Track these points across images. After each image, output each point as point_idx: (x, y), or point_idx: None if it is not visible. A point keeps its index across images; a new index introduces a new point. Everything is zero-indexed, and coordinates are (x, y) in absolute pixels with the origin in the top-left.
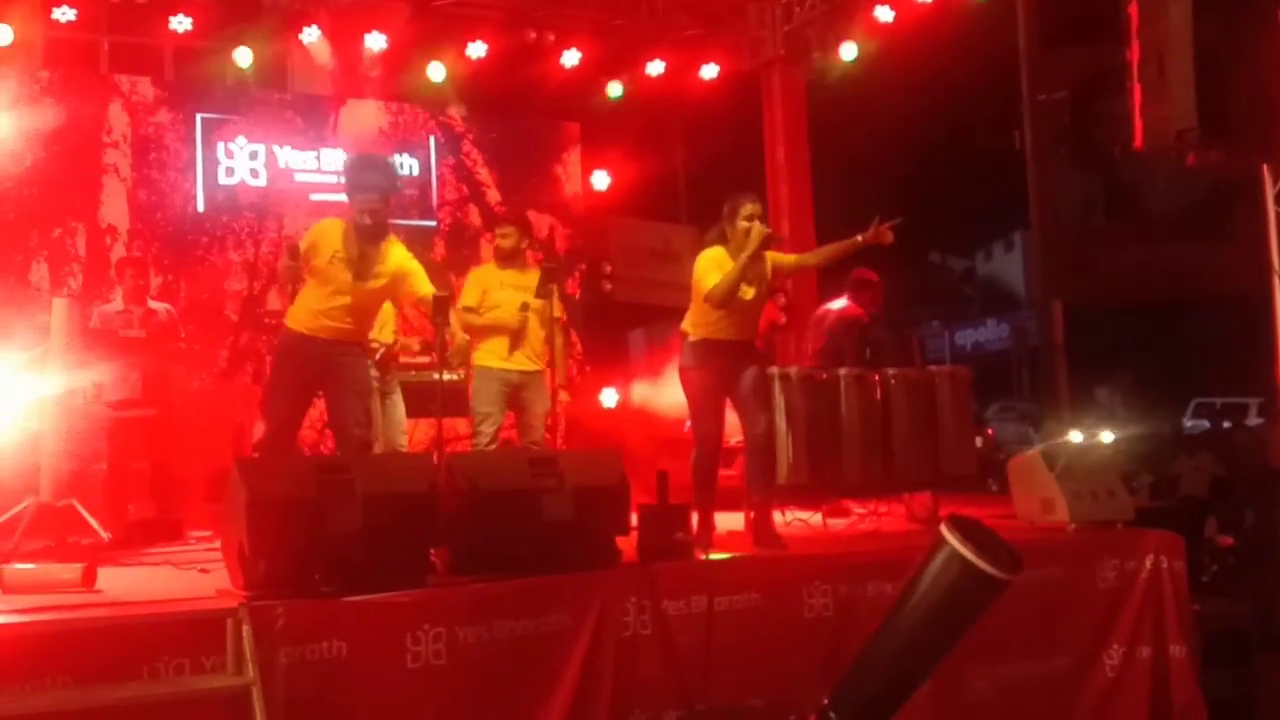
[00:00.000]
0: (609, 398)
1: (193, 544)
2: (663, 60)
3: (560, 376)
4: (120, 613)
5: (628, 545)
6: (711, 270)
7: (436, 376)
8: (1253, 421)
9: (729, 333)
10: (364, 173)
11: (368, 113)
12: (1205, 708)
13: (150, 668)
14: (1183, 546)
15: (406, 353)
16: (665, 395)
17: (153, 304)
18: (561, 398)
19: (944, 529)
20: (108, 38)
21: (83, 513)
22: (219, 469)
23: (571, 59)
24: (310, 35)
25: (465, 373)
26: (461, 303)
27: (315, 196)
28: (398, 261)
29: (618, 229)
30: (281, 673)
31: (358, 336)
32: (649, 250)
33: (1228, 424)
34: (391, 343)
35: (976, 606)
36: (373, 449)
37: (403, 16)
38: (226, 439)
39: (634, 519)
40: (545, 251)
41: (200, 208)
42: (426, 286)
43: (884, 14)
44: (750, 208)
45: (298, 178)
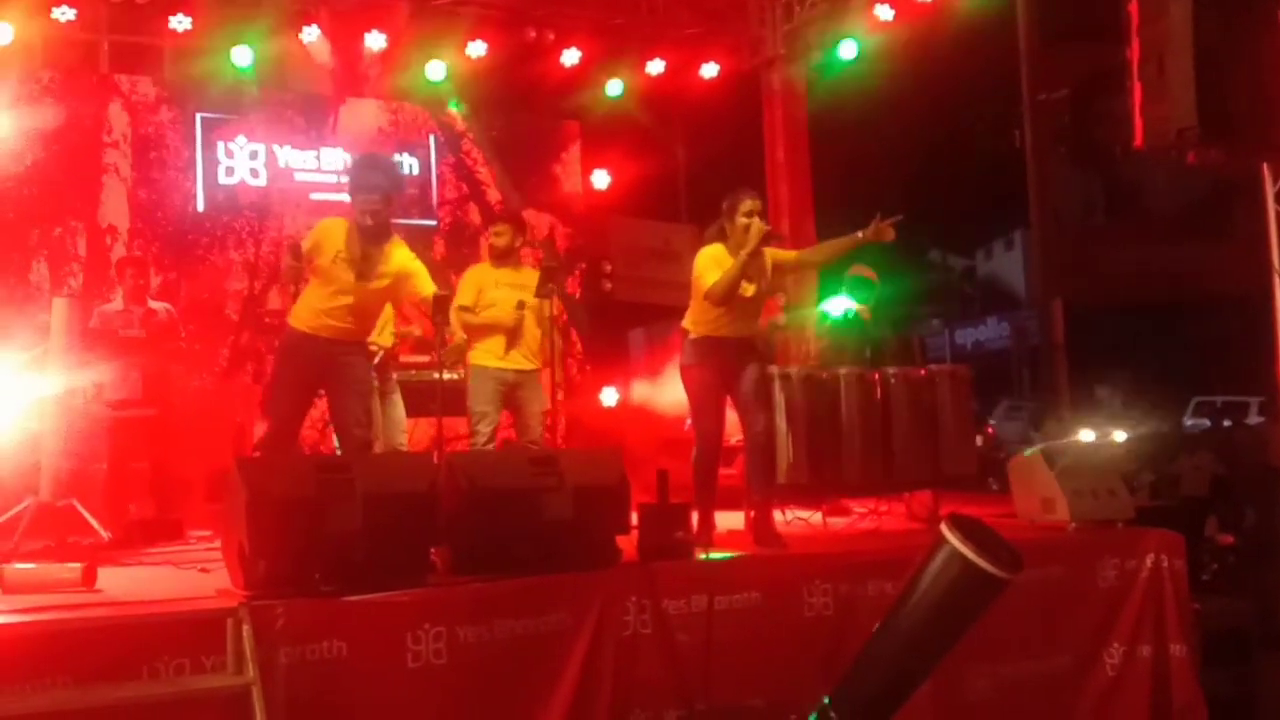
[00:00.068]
0: (609, 397)
1: (193, 543)
2: (663, 59)
3: (554, 376)
4: (120, 612)
5: (628, 544)
6: (711, 268)
7: (436, 376)
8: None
9: (730, 330)
10: (366, 173)
11: (368, 112)
12: (1205, 707)
13: (150, 667)
14: (1183, 545)
15: (408, 340)
16: (665, 394)
17: (153, 304)
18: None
19: (944, 528)
20: (107, 37)
21: (83, 512)
22: (219, 469)
23: (571, 58)
24: (310, 34)
25: (464, 372)
26: (457, 302)
27: (315, 196)
28: (401, 262)
29: (618, 228)
30: (282, 672)
31: (359, 336)
32: (649, 249)
33: (1228, 423)
34: (391, 346)
35: (977, 606)
36: (373, 448)
37: (402, 15)
38: (227, 438)
39: (634, 518)
40: (545, 250)
41: (200, 207)
42: (429, 287)
43: (884, 13)
44: (749, 204)
45: (298, 177)
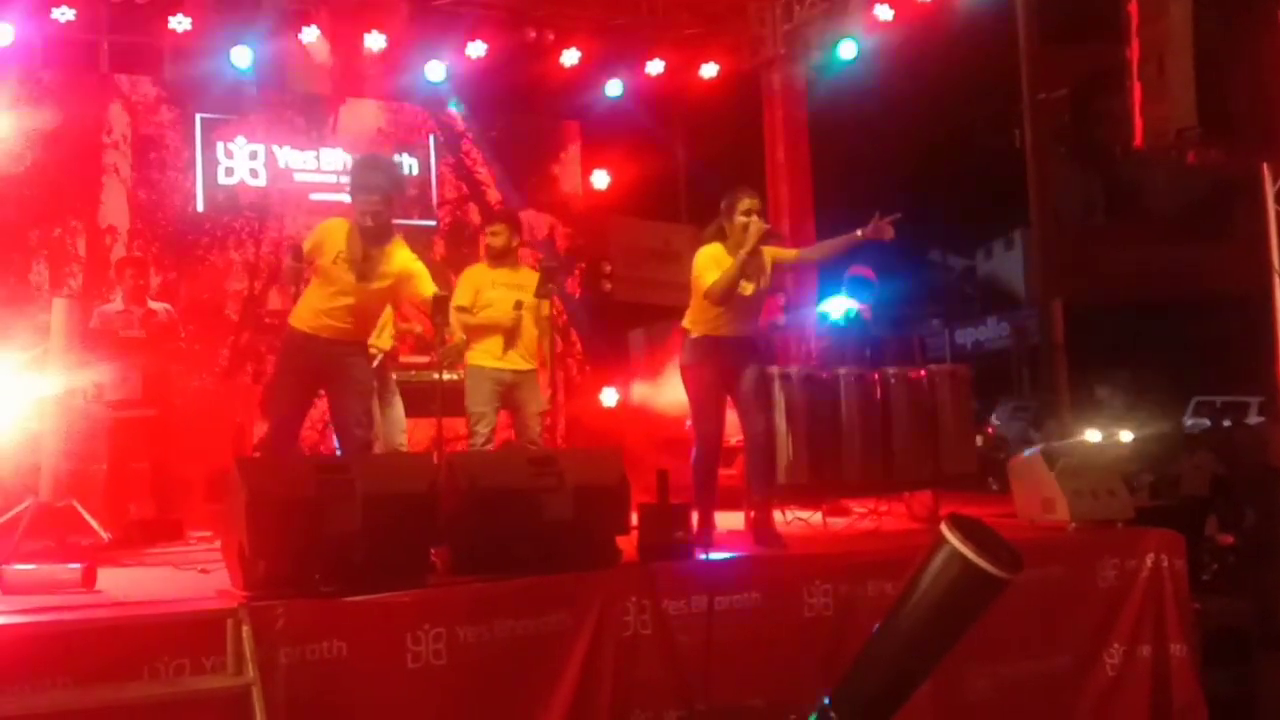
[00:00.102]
0: (609, 397)
1: (193, 544)
2: (663, 59)
3: (546, 376)
4: (120, 613)
5: (628, 545)
6: (710, 267)
7: (436, 376)
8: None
9: (730, 329)
10: (366, 174)
11: (367, 112)
12: (1206, 706)
13: (150, 668)
14: (1183, 545)
15: (409, 338)
16: (665, 395)
17: (153, 304)
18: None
19: (944, 528)
20: (107, 37)
21: (83, 513)
22: (219, 469)
23: (571, 58)
24: (309, 35)
25: (463, 372)
26: (454, 303)
27: (315, 196)
28: (402, 263)
29: (617, 228)
30: (282, 673)
31: (360, 337)
32: (649, 249)
33: (1228, 423)
34: (389, 349)
35: (977, 606)
36: (373, 449)
37: (402, 15)
38: (227, 439)
39: (634, 518)
40: (545, 251)
41: (200, 207)
42: (430, 288)
43: (884, 12)
44: (748, 202)
45: (297, 177)
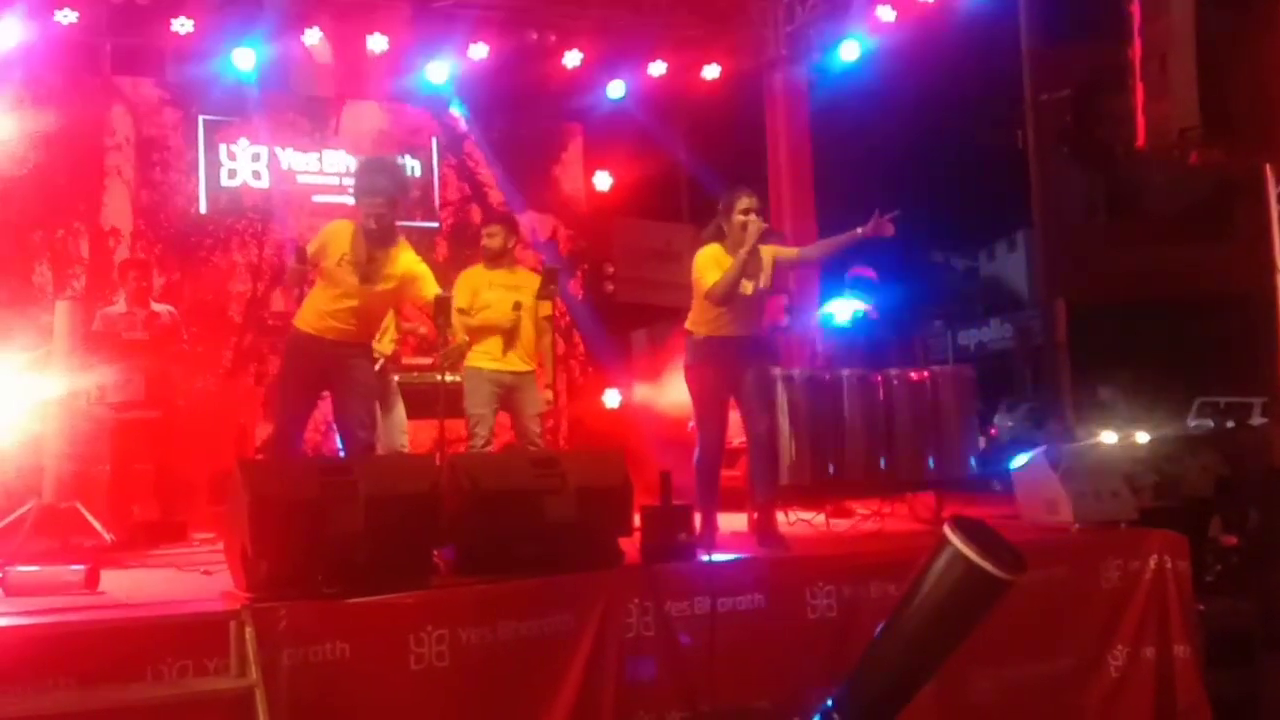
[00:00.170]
0: (611, 398)
1: (196, 546)
2: (665, 60)
3: (546, 376)
4: (123, 615)
5: (630, 546)
6: (710, 268)
7: (438, 378)
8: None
9: (732, 329)
10: (370, 176)
11: (370, 114)
12: (1210, 708)
13: (154, 669)
14: (1187, 546)
15: (411, 339)
16: (668, 396)
17: (155, 306)
18: (545, 397)
19: (947, 530)
20: (110, 39)
21: (86, 515)
22: (222, 470)
23: (573, 59)
24: (312, 36)
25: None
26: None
27: (318, 198)
28: (406, 265)
29: (620, 229)
30: (284, 674)
31: (364, 338)
32: (651, 250)
33: (1231, 423)
34: (391, 353)
35: (980, 607)
36: (375, 450)
37: (404, 17)
38: (230, 440)
39: (637, 520)
40: (547, 252)
41: (203, 209)
42: (434, 290)
43: (886, 13)
44: (746, 201)
45: (300, 179)
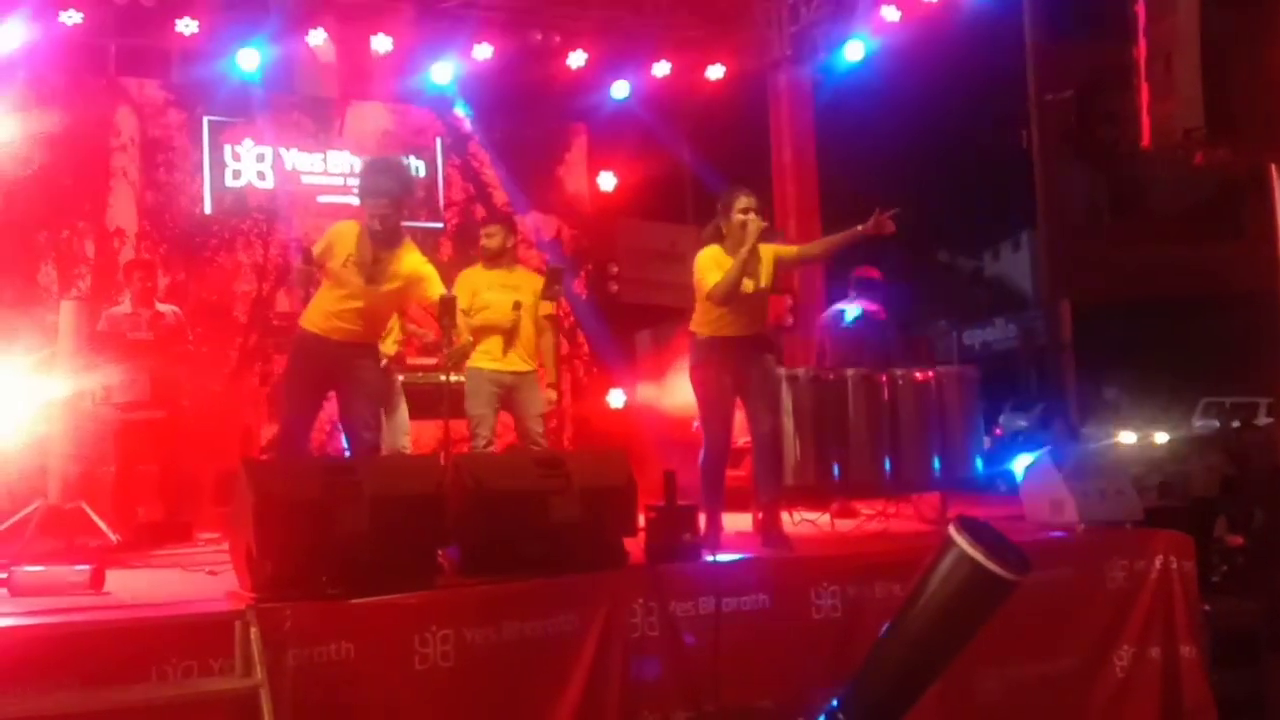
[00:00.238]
0: (616, 399)
1: (201, 546)
2: (669, 61)
3: (549, 376)
4: (128, 615)
5: (635, 546)
6: (711, 269)
7: (442, 378)
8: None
9: (736, 329)
10: (375, 177)
11: (374, 114)
12: (1216, 708)
13: (159, 670)
14: (1192, 547)
15: (415, 339)
16: (672, 396)
17: (160, 306)
18: (549, 396)
19: (952, 530)
20: (115, 41)
21: (91, 515)
22: (227, 471)
23: (577, 60)
24: (316, 38)
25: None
26: None
27: (322, 198)
28: (412, 266)
29: (624, 230)
30: (289, 675)
31: (369, 339)
32: (655, 251)
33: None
34: (394, 354)
35: (985, 608)
36: (380, 451)
37: (408, 18)
38: (235, 440)
39: (641, 520)
40: (551, 252)
41: (208, 210)
42: (439, 290)
43: (890, 13)
44: (745, 200)
45: (305, 180)
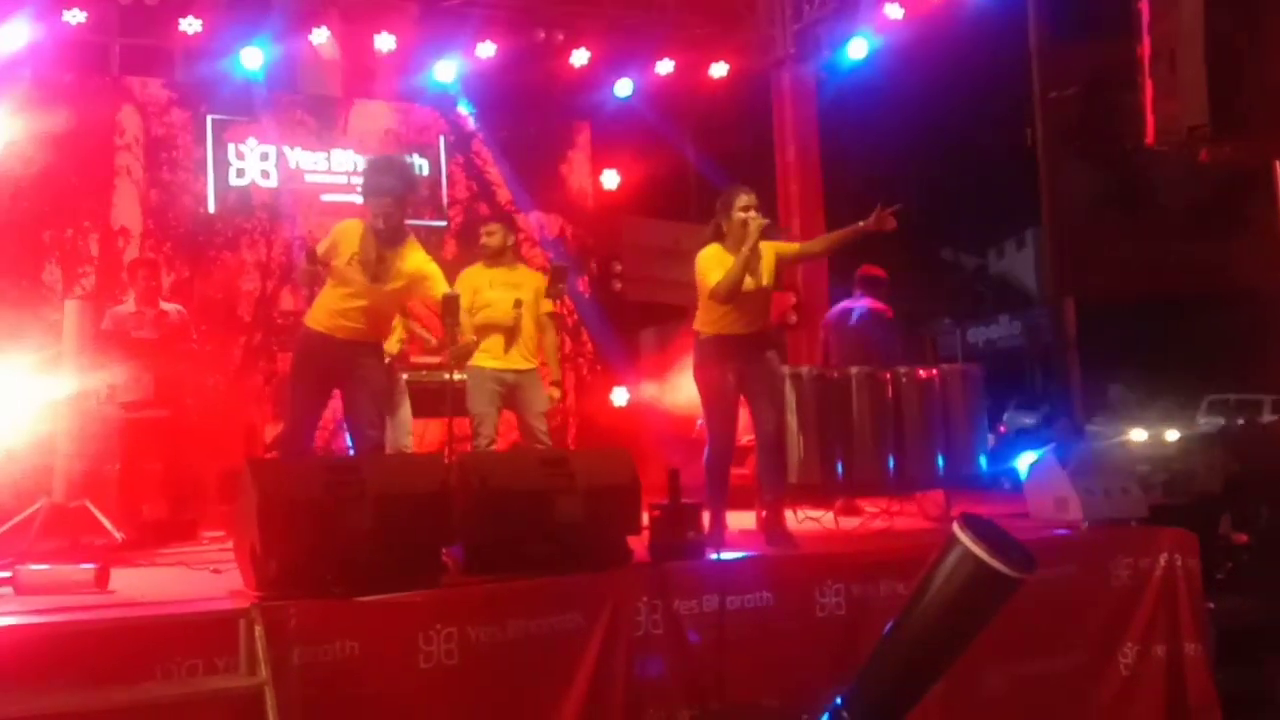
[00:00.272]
0: (620, 397)
1: (205, 544)
2: (673, 59)
3: (553, 373)
4: (133, 613)
5: (639, 545)
6: (713, 268)
7: (447, 377)
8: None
9: (739, 327)
10: (378, 176)
11: (377, 113)
12: (1220, 706)
13: (163, 668)
14: (1197, 544)
15: (417, 341)
16: (677, 394)
17: (164, 305)
18: (553, 394)
19: (956, 528)
20: (118, 40)
21: (96, 513)
22: (232, 469)
23: (581, 58)
24: (320, 36)
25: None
26: None
27: (326, 197)
28: (416, 264)
29: (628, 228)
30: (294, 673)
31: (374, 337)
32: (659, 249)
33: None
34: (397, 353)
35: (989, 606)
36: (384, 449)
37: (412, 16)
38: (239, 439)
39: (645, 518)
40: (555, 250)
41: (211, 208)
42: (443, 289)
43: (894, 11)
44: (745, 198)
45: (308, 178)
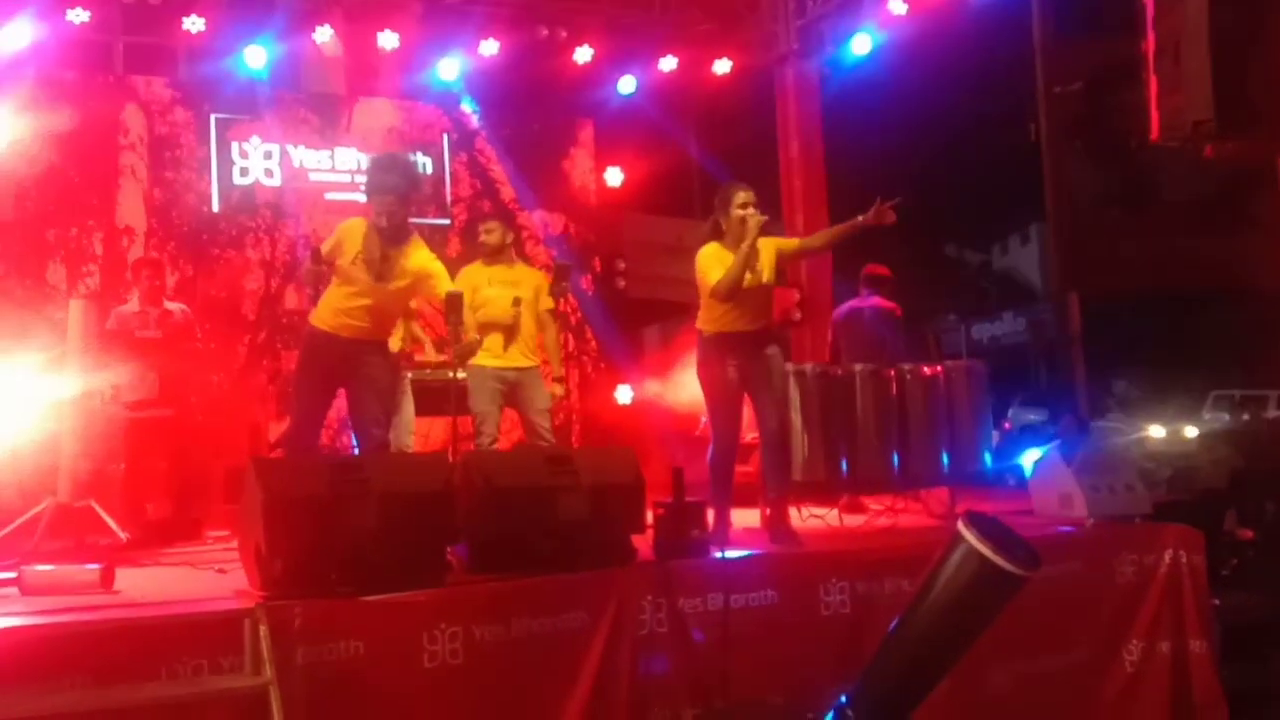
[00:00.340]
0: (624, 394)
1: (210, 544)
2: (676, 56)
3: (555, 370)
4: (138, 613)
5: (644, 543)
6: (713, 266)
7: (451, 375)
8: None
9: (741, 324)
10: (381, 174)
11: (381, 111)
12: (1226, 703)
13: (169, 668)
14: (1202, 541)
15: (419, 347)
16: (680, 392)
17: (169, 305)
18: (556, 391)
19: (961, 525)
20: (122, 39)
21: (101, 513)
22: (236, 468)
23: (584, 55)
24: (323, 34)
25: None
26: None
27: (330, 195)
28: (420, 263)
29: (631, 225)
30: (299, 673)
31: (379, 336)
32: (663, 246)
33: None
34: (398, 350)
35: (994, 603)
36: (389, 448)
37: (415, 14)
38: (244, 438)
39: (650, 516)
40: (559, 248)
41: (215, 207)
42: (447, 287)
43: (897, 7)
44: (743, 196)
45: (312, 177)
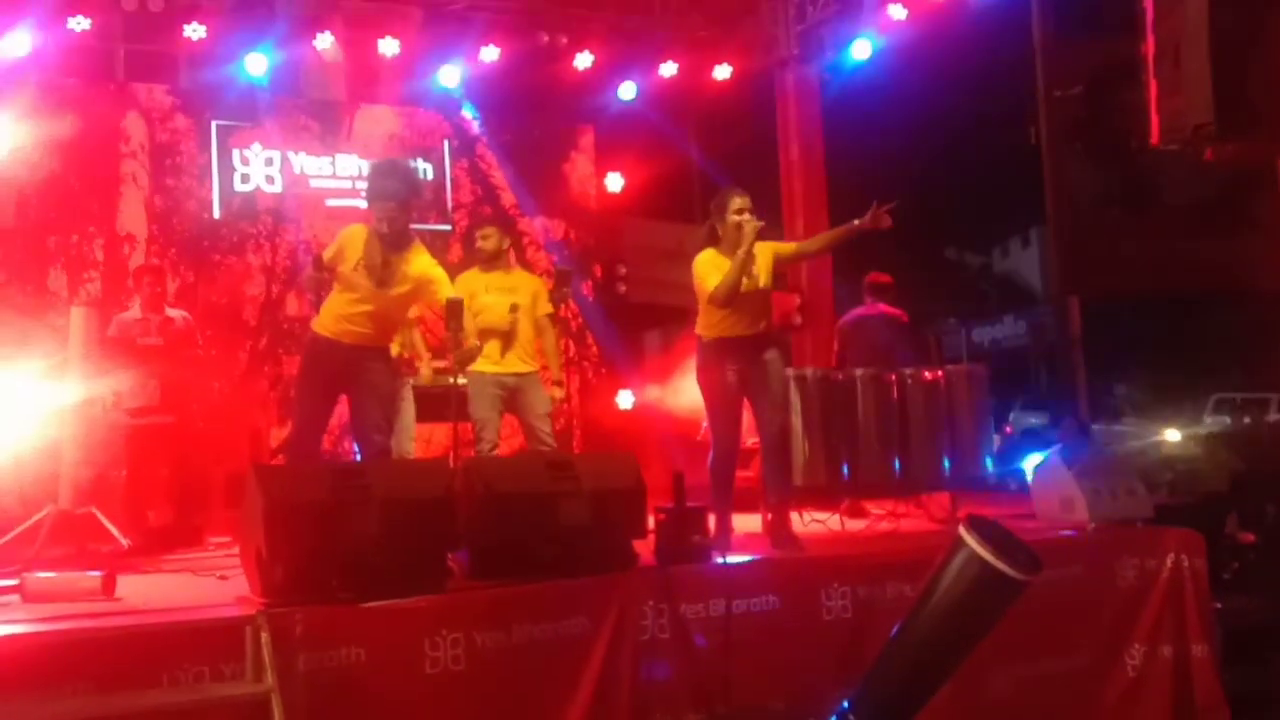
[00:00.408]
0: (625, 399)
1: (212, 550)
2: (676, 61)
3: (554, 373)
4: (140, 620)
5: (645, 548)
6: (710, 272)
7: (452, 381)
8: (1273, 417)
9: (740, 329)
10: (382, 180)
11: (382, 117)
12: (1228, 706)
13: (170, 675)
14: (1203, 545)
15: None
16: (681, 397)
17: (170, 311)
18: (555, 393)
19: (962, 530)
20: (123, 46)
21: (102, 520)
22: (237, 474)
23: (584, 61)
24: (324, 41)
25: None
26: None
27: (331, 202)
28: (422, 269)
29: (632, 230)
30: (300, 679)
31: (381, 342)
32: (663, 251)
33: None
34: (397, 355)
35: (996, 607)
36: (390, 454)
37: (415, 21)
38: (245, 444)
39: (651, 522)
40: (559, 253)
41: (216, 214)
42: (448, 293)
43: (897, 12)
44: (739, 201)
45: (313, 183)
